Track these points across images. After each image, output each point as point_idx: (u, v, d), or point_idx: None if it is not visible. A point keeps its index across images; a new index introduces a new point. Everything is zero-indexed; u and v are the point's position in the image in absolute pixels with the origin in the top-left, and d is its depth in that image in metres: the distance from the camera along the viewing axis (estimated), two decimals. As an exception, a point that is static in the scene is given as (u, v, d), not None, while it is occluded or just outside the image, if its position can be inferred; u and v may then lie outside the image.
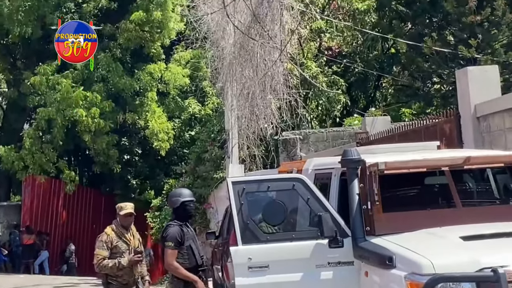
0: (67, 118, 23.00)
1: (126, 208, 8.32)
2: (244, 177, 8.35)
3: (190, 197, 8.01)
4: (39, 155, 23.52)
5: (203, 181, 20.37)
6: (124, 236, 8.32)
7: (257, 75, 13.89)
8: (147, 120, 23.94)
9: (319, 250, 6.77)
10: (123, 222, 8.32)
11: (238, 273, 6.78)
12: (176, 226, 7.82)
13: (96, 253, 8.20)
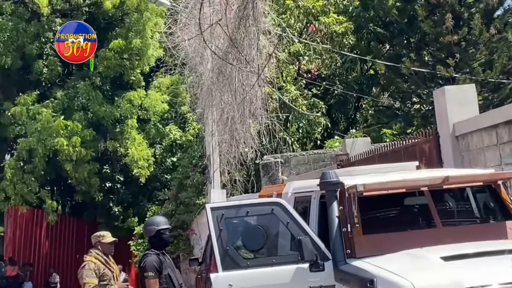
0: (48, 148, 22.85)
1: (109, 236, 8.44)
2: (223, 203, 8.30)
3: (166, 225, 7.98)
4: (21, 185, 23.32)
5: (186, 207, 20.29)
6: (108, 263, 8.40)
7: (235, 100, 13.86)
8: (127, 147, 23.84)
9: (300, 274, 6.75)
10: (106, 250, 8.40)
11: (219, 300, 6.74)
12: (153, 255, 7.78)
13: (87, 282, 8.20)
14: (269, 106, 15.33)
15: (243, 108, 14.50)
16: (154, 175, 25.75)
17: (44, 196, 24.40)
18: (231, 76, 13.61)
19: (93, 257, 8.35)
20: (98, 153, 24.11)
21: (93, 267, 8.23)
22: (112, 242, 8.42)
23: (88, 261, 8.32)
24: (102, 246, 8.39)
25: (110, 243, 8.43)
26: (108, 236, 8.47)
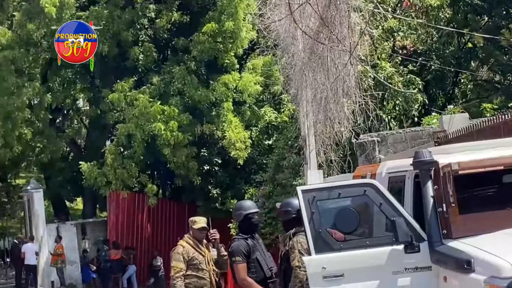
0: (146, 133, 23.34)
1: (200, 222, 8.35)
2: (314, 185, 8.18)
3: (253, 209, 7.95)
4: (121, 170, 23.89)
5: (283, 188, 20.23)
6: (199, 247, 8.31)
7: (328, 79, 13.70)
8: (224, 130, 24.01)
9: (395, 256, 6.59)
10: (197, 236, 8.34)
11: (313, 283, 6.67)
12: (240, 239, 7.79)
13: (173, 266, 8.21)
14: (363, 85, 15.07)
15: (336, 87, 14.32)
16: (250, 157, 25.84)
17: (144, 181, 24.91)
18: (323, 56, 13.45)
19: (184, 241, 8.35)
20: (195, 137, 24.39)
21: (181, 251, 8.20)
22: (200, 228, 8.33)
23: (179, 245, 8.34)
24: (193, 231, 8.37)
25: (199, 229, 8.34)
26: (199, 222, 8.39)
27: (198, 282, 8.18)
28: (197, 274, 8.19)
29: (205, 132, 24.75)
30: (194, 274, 8.18)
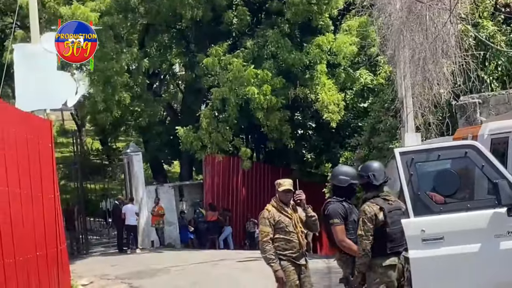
0: (240, 97, 23.50)
1: (284, 184, 8.30)
2: (412, 147, 8.05)
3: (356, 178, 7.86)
4: (216, 134, 24.17)
5: (379, 152, 20.04)
6: (285, 210, 8.30)
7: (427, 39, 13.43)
8: (317, 93, 23.89)
9: (497, 219, 6.46)
10: (282, 198, 8.31)
11: (412, 245, 6.61)
12: (336, 202, 7.75)
13: (261, 230, 8.33)
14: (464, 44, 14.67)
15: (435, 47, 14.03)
16: (345, 120, 25.67)
17: (239, 144, 25.16)
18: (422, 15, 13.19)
19: (270, 205, 8.36)
20: (289, 101, 24.39)
21: (267, 216, 8.24)
22: (285, 190, 8.28)
23: (265, 209, 8.36)
24: (278, 194, 8.34)
25: (284, 192, 8.29)
26: (283, 184, 8.32)
27: (287, 245, 8.20)
28: (284, 237, 8.21)
29: (298, 95, 24.70)
30: (281, 237, 8.21)
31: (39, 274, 12.34)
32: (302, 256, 8.30)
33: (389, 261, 7.04)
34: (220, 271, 17.67)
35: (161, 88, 30.71)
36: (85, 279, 17.67)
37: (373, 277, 7.11)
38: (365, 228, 7.07)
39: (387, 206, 7.10)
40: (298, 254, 8.24)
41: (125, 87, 24.65)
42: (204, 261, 19.95)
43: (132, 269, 19.28)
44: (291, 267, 8.18)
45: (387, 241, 7.03)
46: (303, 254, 8.31)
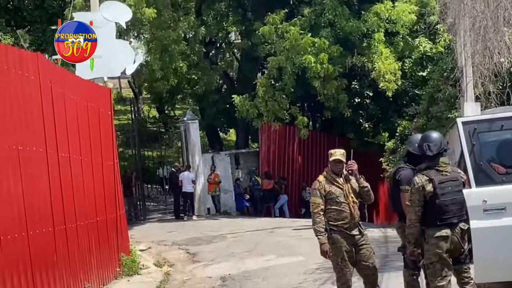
0: (297, 65, 23.43)
1: (335, 154, 8.14)
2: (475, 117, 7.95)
3: None
4: (272, 102, 24.18)
5: (437, 121, 19.80)
6: (336, 181, 8.15)
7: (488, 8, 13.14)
8: (374, 61, 23.66)
9: None
10: (333, 169, 8.18)
11: (473, 216, 6.56)
12: (408, 169, 7.69)
13: (311, 201, 8.25)
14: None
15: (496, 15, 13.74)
16: (403, 89, 25.40)
17: (295, 113, 25.13)
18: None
19: (322, 176, 8.27)
20: (346, 69, 24.22)
21: (317, 187, 8.15)
22: (335, 160, 8.12)
23: (316, 180, 8.28)
24: (330, 164, 8.22)
25: (334, 162, 8.13)
26: (334, 155, 8.16)
27: (338, 216, 8.10)
28: (336, 207, 8.11)
29: (355, 64, 24.51)
30: (333, 208, 8.11)
31: (99, 238, 12.63)
32: (354, 226, 8.16)
33: (440, 233, 6.96)
34: (275, 238, 17.83)
35: (217, 57, 30.77)
36: (143, 244, 18.02)
37: (426, 248, 7.09)
38: (412, 198, 7.07)
39: (439, 178, 6.99)
40: (350, 225, 8.12)
41: (182, 56, 24.78)
42: (259, 229, 20.14)
43: (189, 236, 19.59)
44: (342, 239, 8.07)
45: (437, 213, 6.95)
46: (356, 225, 8.18)
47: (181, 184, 24.56)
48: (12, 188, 9.15)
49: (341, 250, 8.03)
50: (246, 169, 28.37)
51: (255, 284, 11.97)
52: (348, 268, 8.07)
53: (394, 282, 10.28)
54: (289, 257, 14.48)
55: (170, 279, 13.73)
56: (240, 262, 14.54)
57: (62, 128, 11.01)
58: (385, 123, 26.60)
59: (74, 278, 10.83)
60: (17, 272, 9.05)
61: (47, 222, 10.04)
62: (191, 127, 26.53)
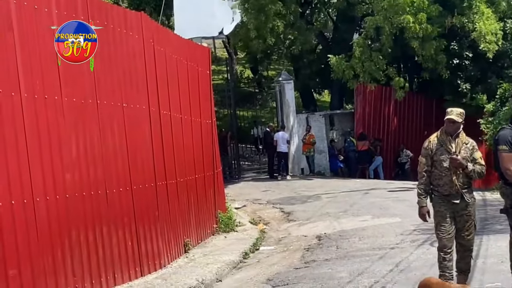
0: (395, 25, 23.08)
1: (450, 113, 7.65)
2: None
3: None
4: (369, 63, 23.91)
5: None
6: (446, 144, 7.66)
7: None
8: (475, 22, 23.03)
9: None
10: (446, 128, 7.72)
11: None
12: (507, 129, 7.36)
13: (419, 160, 7.91)
14: None
15: None
16: (504, 51, 24.68)
17: (392, 74, 24.78)
18: None
19: (434, 135, 7.84)
20: (445, 29, 23.71)
21: (426, 146, 7.76)
22: (448, 120, 7.62)
23: (427, 139, 7.89)
24: (445, 123, 7.74)
25: (448, 121, 7.65)
26: (449, 113, 7.61)
27: (440, 180, 7.68)
28: (438, 172, 7.69)
29: (455, 24, 23.95)
30: (436, 172, 7.71)
31: (198, 195, 12.96)
32: (457, 194, 7.59)
33: None
34: (370, 199, 17.79)
35: (313, 17, 30.55)
36: (238, 203, 18.34)
37: None
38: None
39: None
40: (451, 192, 7.60)
41: (277, 15, 24.76)
42: (354, 190, 20.13)
43: (283, 195, 19.78)
44: (442, 203, 7.66)
45: None
46: (459, 193, 7.59)
47: (275, 144, 24.74)
48: (117, 143, 9.50)
49: (439, 215, 7.69)
50: (340, 130, 28.26)
51: (352, 243, 12.03)
52: (445, 233, 7.61)
53: (493, 245, 10.19)
54: (385, 218, 14.44)
55: (266, 236, 13.96)
56: (336, 221, 14.61)
57: (164, 86, 11.29)
58: (483, 85, 25.93)
59: (174, 233, 11.19)
60: (122, 225, 9.44)
61: (150, 178, 10.39)
62: (286, 87, 26.57)
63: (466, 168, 7.55)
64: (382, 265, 9.78)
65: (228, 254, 11.68)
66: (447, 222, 7.64)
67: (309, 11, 29.97)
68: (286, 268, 10.57)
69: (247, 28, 24.34)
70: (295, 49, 27.19)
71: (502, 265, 8.54)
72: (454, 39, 25.48)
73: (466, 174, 7.59)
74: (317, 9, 30.32)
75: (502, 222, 11.46)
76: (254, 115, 33.17)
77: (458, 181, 7.60)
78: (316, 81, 31.77)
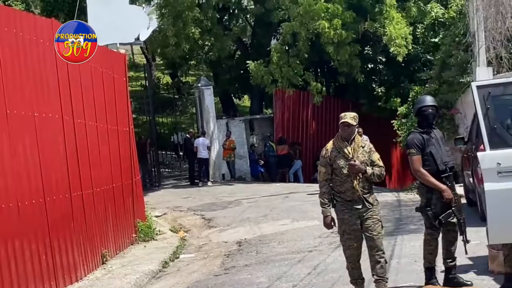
0: (311, 31, 23.35)
1: (344, 117, 7.50)
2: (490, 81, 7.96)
3: (426, 103, 7.78)
4: (286, 68, 24.12)
5: (449, 86, 19.83)
6: (343, 150, 7.45)
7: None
8: (385, 26, 23.56)
9: None
10: (342, 133, 7.55)
11: (487, 178, 6.63)
12: (416, 133, 7.73)
13: (318, 170, 7.75)
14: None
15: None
16: (415, 55, 25.34)
17: (309, 78, 25.09)
18: None
19: (331, 142, 7.62)
20: (359, 35, 24.14)
21: (323, 154, 7.57)
22: (342, 123, 7.45)
23: (324, 147, 7.66)
24: (339, 128, 7.57)
25: (342, 124, 7.46)
26: (342, 117, 7.51)
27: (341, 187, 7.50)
28: (339, 178, 7.47)
29: (368, 30, 24.43)
30: (337, 179, 7.49)
31: (116, 205, 12.77)
32: (359, 200, 7.43)
33: None
34: (290, 203, 17.93)
35: (231, 23, 30.64)
36: (158, 210, 18.18)
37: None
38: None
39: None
40: (353, 198, 7.44)
41: (195, 22, 24.73)
42: (274, 194, 20.25)
43: (204, 201, 19.72)
44: (345, 211, 7.48)
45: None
46: (360, 198, 7.42)
47: (196, 150, 24.67)
48: (28, 154, 9.27)
49: (344, 223, 7.53)
50: (260, 135, 28.41)
51: (271, 248, 12.10)
52: (351, 242, 7.50)
53: (407, 245, 10.42)
54: (304, 221, 14.58)
55: (186, 244, 13.89)
56: (256, 226, 14.68)
57: (78, 95, 11.10)
58: (397, 88, 26.57)
59: (91, 244, 11.00)
60: (35, 238, 9.20)
61: (64, 189, 10.18)
62: (205, 93, 26.53)
63: (365, 173, 7.41)
64: (300, 269, 9.87)
65: (147, 263, 11.56)
66: (352, 229, 7.48)
67: (227, 17, 30.06)
68: (205, 275, 10.54)
69: (164, 34, 24.19)
70: (212, 55, 27.21)
71: (415, 265, 8.75)
72: (368, 44, 26.03)
73: (366, 178, 7.46)
74: (235, 15, 30.39)
75: (416, 222, 11.78)
76: (174, 121, 32.98)
77: (359, 186, 7.44)
78: (236, 86, 31.86)
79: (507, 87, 6.76)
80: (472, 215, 11.64)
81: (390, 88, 27.12)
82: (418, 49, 25.54)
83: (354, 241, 7.51)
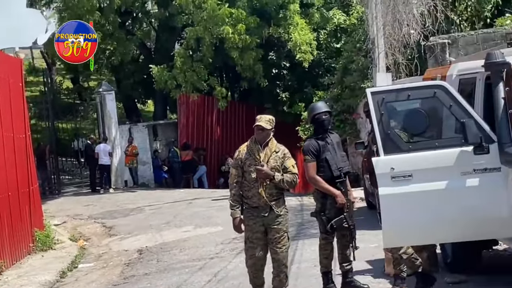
0: (215, 36, 23.36)
1: (259, 120, 7.40)
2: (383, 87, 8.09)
3: (320, 110, 7.87)
4: (191, 73, 24.04)
5: (351, 91, 20.21)
6: (254, 154, 7.34)
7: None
8: (290, 32, 23.82)
9: (464, 157, 6.58)
10: (256, 136, 7.44)
11: (381, 183, 6.72)
12: (312, 140, 7.83)
13: (230, 171, 7.65)
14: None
15: (405, -12, 13.98)
16: (318, 60, 25.70)
17: (213, 83, 25.10)
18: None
19: (244, 145, 7.52)
20: (263, 40, 24.30)
21: (235, 156, 7.51)
22: (256, 126, 7.34)
23: (238, 148, 7.57)
24: (254, 131, 7.46)
25: (256, 127, 7.37)
26: (257, 120, 7.41)
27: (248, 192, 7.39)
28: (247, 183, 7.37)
29: (272, 35, 24.62)
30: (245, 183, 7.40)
31: (11, 214, 12.37)
32: (266, 206, 7.28)
33: None
34: (194, 209, 17.85)
35: (134, 27, 30.32)
36: (58, 219, 17.74)
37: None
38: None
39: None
40: (260, 204, 7.30)
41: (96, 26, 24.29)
42: (178, 200, 20.13)
43: (106, 209, 19.39)
44: (251, 217, 7.34)
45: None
46: (267, 205, 7.28)
47: (97, 156, 24.23)
48: None
49: (248, 229, 7.36)
50: (164, 140, 28.18)
51: (172, 255, 11.99)
52: (253, 251, 7.35)
53: (307, 250, 10.51)
54: (207, 228, 14.55)
55: (86, 253, 13.59)
56: (158, 234, 14.51)
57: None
58: (301, 93, 26.88)
59: (-16, 254, 10.61)
60: None
61: (-45, 197, 9.78)
62: (107, 98, 26.09)
63: (273, 179, 7.25)
64: (201, 276, 9.81)
65: (44, 274, 11.24)
66: (256, 237, 7.34)
67: (131, 21, 29.69)
68: (104, 285, 10.34)
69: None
70: (115, 60, 26.81)
71: (314, 269, 8.81)
72: (272, 49, 26.23)
73: (275, 184, 7.29)
74: (138, 19, 30.05)
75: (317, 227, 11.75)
76: (75, 127, 32.33)
77: (266, 192, 7.26)
78: (139, 91, 31.51)
79: (400, 93, 6.88)
80: (372, 218, 11.84)
81: (294, 93, 27.42)
82: (321, 54, 25.95)
83: (257, 250, 7.35)
